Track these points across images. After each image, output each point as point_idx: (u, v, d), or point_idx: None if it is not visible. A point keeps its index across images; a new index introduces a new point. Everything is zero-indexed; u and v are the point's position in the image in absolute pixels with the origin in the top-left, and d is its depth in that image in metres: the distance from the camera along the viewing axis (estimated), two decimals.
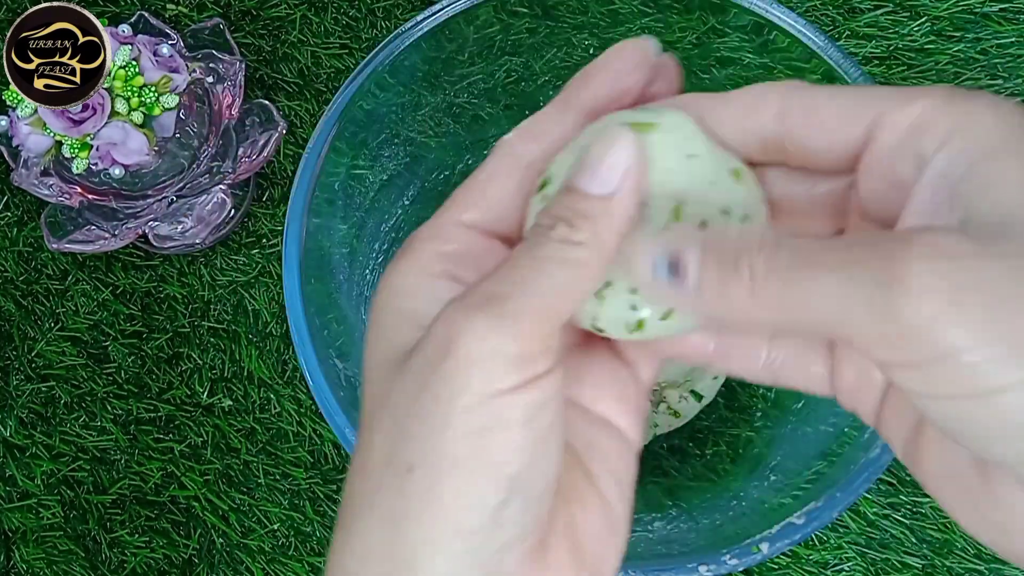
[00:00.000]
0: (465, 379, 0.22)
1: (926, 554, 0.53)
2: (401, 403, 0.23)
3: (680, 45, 0.50)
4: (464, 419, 0.22)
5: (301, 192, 0.44)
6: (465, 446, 0.22)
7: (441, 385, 0.22)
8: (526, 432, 0.22)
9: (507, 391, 0.22)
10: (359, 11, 0.62)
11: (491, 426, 0.22)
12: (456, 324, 0.22)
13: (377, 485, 0.23)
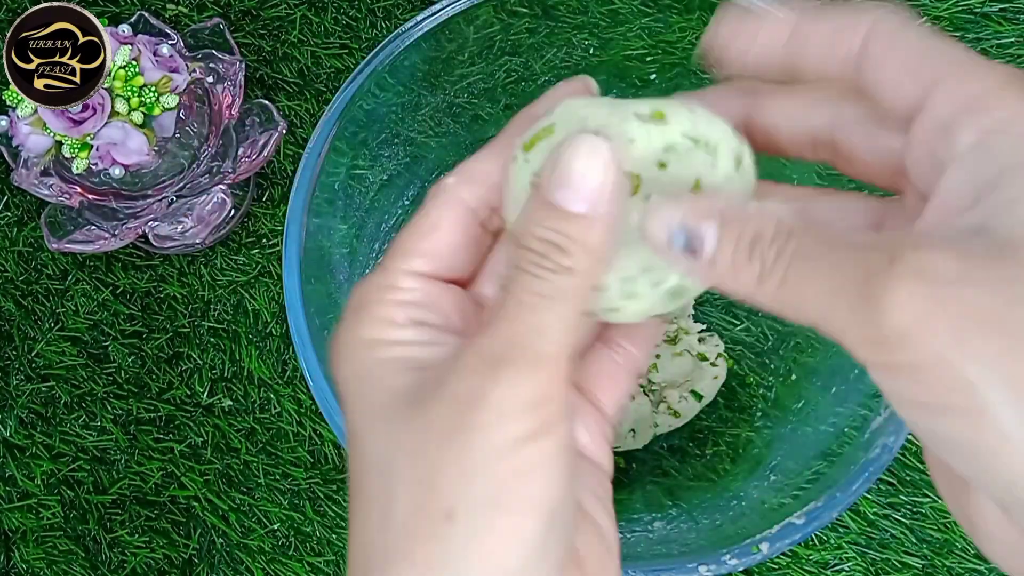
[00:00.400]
0: (499, 426, 0.22)
1: (926, 554, 0.53)
2: (424, 453, 0.23)
3: (680, 45, 0.50)
4: (502, 462, 0.22)
5: (301, 192, 0.44)
6: (506, 489, 0.22)
7: (476, 433, 0.22)
8: (559, 465, 0.23)
9: (536, 430, 0.23)
10: (359, 11, 0.62)
11: (529, 466, 0.23)
12: (483, 376, 0.23)
13: (408, 534, 0.23)
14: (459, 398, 0.23)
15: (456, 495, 0.22)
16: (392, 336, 0.25)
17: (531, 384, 0.23)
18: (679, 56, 0.50)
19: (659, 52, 0.51)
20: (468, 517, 0.22)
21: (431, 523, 0.23)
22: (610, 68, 0.52)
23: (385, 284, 0.26)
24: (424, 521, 0.23)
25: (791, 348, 0.51)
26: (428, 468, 0.23)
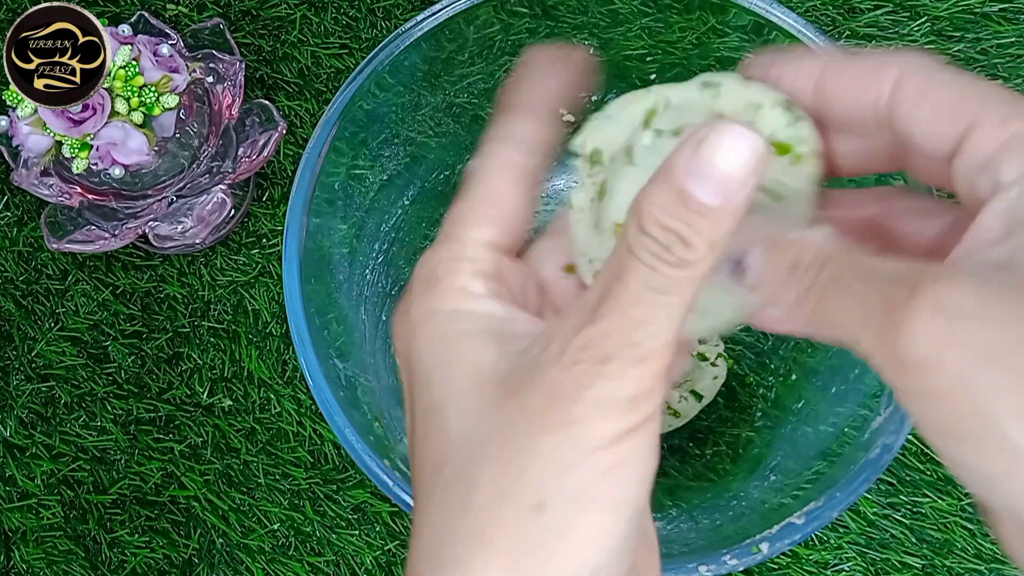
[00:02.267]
0: (600, 422, 0.22)
1: (926, 554, 0.53)
2: (516, 440, 0.23)
3: (680, 45, 0.50)
4: (597, 459, 0.22)
5: (301, 192, 0.44)
6: (599, 485, 0.22)
7: (572, 427, 0.22)
8: (648, 464, 0.23)
9: (631, 431, 0.23)
10: (359, 11, 0.62)
11: (622, 464, 0.23)
12: (586, 369, 0.22)
13: (492, 520, 0.23)
14: (559, 388, 0.23)
15: (547, 487, 0.22)
16: (472, 307, 0.25)
17: (634, 380, 0.22)
18: (679, 56, 0.50)
19: (659, 52, 0.51)
20: (558, 511, 0.22)
21: (518, 513, 0.23)
22: (610, 68, 0.52)
23: (457, 255, 0.26)
24: (511, 510, 0.23)
25: (791, 348, 0.51)
26: (520, 456, 0.23)
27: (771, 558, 0.46)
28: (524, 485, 0.22)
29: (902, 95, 0.23)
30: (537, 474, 0.22)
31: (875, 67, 0.23)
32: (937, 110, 0.22)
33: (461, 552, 0.23)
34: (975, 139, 0.22)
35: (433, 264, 0.26)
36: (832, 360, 0.47)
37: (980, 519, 0.54)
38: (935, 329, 0.20)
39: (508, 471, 0.23)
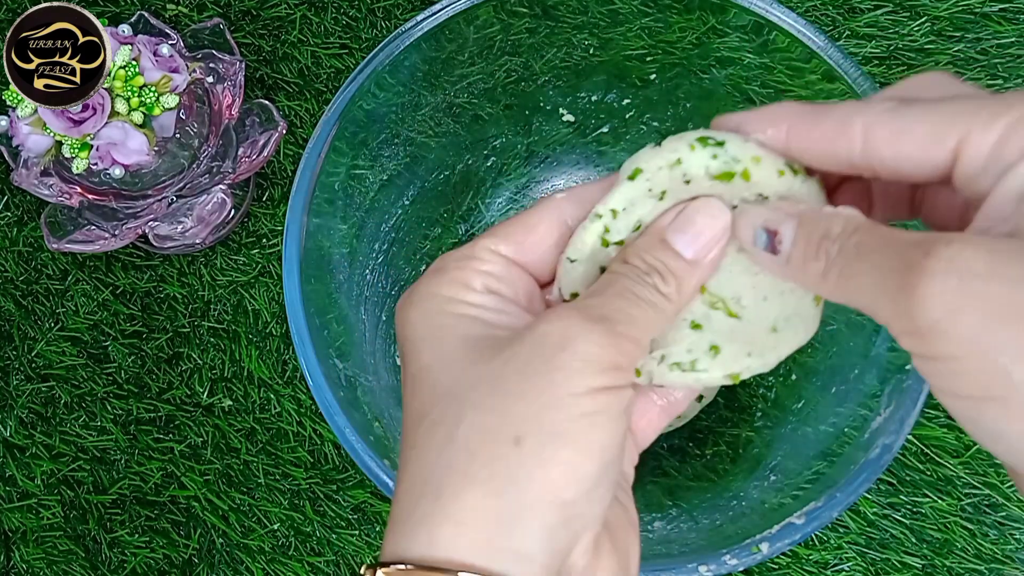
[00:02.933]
0: (581, 371, 0.25)
1: (926, 554, 0.53)
2: (502, 385, 0.25)
3: (680, 45, 0.50)
4: (574, 403, 0.24)
5: (301, 192, 0.44)
6: (576, 427, 0.24)
7: (557, 373, 0.25)
8: (620, 426, 0.25)
9: (608, 388, 0.25)
10: (359, 11, 0.62)
11: (597, 412, 0.25)
12: (574, 328, 0.25)
13: (472, 454, 0.25)
14: (548, 339, 0.25)
15: (528, 423, 0.24)
16: (467, 297, 0.27)
17: (614, 350, 0.25)
18: (679, 56, 0.50)
19: (659, 52, 0.51)
20: (536, 444, 0.24)
21: (497, 445, 0.24)
22: (610, 68, 0.52)
23: (468, 255, 0.28)
24: (491, 443, 0.24)
25: None
26: (504, 396, 0.25)
27: (771, 558, 0.46)
28: (505, 421, 0.24)
29: (878, 141, 0.25)
30: (519, 412, 0.24)
31: (839, 124, 0.26)
32: (919, 141, 0.24)
33: (440, 483, 0.24)
34: (968, 149, 0.23)
35: (445, 260, 0.29)
36: (832, 360, 0.47)
37: (980, 518, 0.54)
38: (948, 290, 0.20)
39: (492, 410, 0.25)
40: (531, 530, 0.24)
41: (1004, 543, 0.54)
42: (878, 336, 0.44)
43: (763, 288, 0.28)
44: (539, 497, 0.24)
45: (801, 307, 0.28)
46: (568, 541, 0.25)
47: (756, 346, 0.28)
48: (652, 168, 0.28)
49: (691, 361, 0.28)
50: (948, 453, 0.54)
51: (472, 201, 0.58)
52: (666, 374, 0.29)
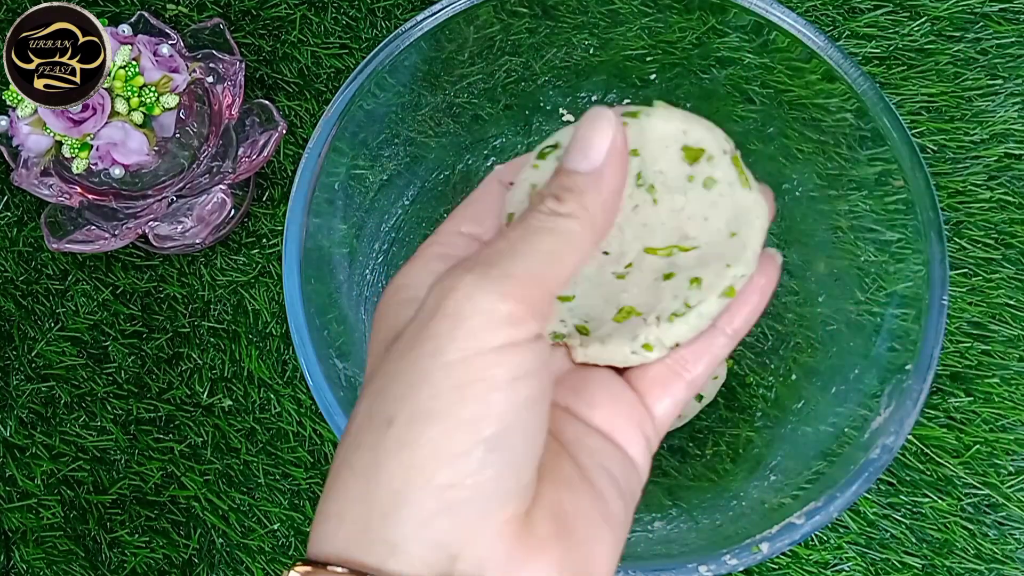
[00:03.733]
0: (450, 335, 0.23)
1: (926, 554, 0.53)
2: (389, 367, 0.24)
3: (680, 45, 0.50)
4: (445, 374, 0.23)
5: (301, 192, 0.44)
6: (444, 401, 0.22)
7: (428, 342, 0.23)
8: (508, 395, 0.23)
9: (492, 350, 0.23)
10: (359, 11, 0.62)
11: (472, 382, 0.23)
12: (446, 285, 0.23)
13: (356, 444, 0.23)
14: (426, 308, 0.24)
15: (397, 403, 0.23)
16: (422, 280, 0.27)
17: (489, 294, 0.23)
18: (679, 56, 0.50)
19: (659, 52, 0.51)
20: (401, 424, 0.23)
21: (373, 432, 0.23)
22: (610, 68, 0.52)
23: (432, 239, 0.29)
24: (368, 430, 0.23)
25: (791, 348, 0.51)
26: (384, 379, 0.24)
27: (771, 558, 0.46)
28: (381, 403, 0.23)
29: None
30: (392, 392, 0.23)
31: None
32: None
33: (333, 477, 0.24)
34: None
35: (418, 249, 0.29)
36: (832, 360, 0.47)
37: (980, 518, 0.54)
38: None
39: (374, 395, 0.24)
40: (403, 519, 0.22)
41: (1004, 543, 0.54)
42: (878, 336, 0.44)
43: (696, 213, 0.30)
44: (412, 479, 0.22)
45: (737, 201, 0.29)
46: (456, 530, 0.22)
47: (729, 256, 0.29)
48: (567, 136, 0.30)
49: (683, 303, 0.28)
50: (948, 453, 0.54)
51: None
52: (670, 329, 0.28)
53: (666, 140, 0.30)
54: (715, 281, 0.28)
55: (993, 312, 0.56)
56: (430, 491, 0.22)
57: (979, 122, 0.58)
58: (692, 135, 0.30)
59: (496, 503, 0.23)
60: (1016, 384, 0.55)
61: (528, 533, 0.23)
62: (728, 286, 0.28)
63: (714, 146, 0.30)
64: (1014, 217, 0.57)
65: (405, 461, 0.22)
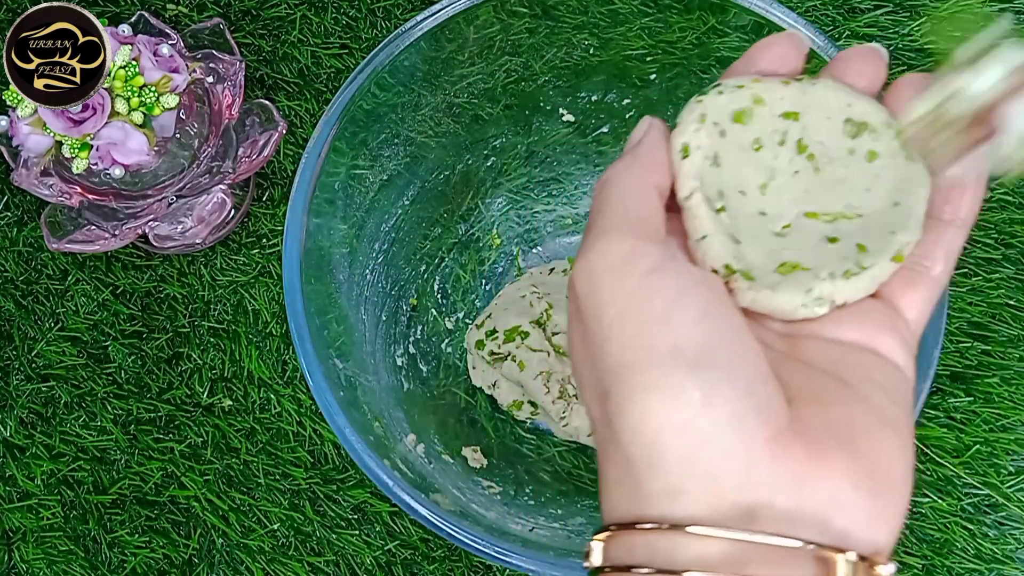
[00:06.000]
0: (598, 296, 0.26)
1: (926, 554, 0.53)
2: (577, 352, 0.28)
3: (680, 45, 0.50)
4: (619, 329, 0.25)
5: (301, 192, 0.44)
6: (634, 348, 0.25)
7: (588, 313, 0.26)
8: (681, 314, 0.25)
9: (636, 286, 0.25)
10: (359, 11, 0.62)
11: (644, 320, 0.25)
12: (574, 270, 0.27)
13: (600, 420, 0.26)
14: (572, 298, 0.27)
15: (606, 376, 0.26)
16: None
17: (604, 245, 0.26)
18: (679, 56, 0.50)
19: (659, 52, 0.51)
20: (616, 391, 0.25)
21: (599, 405, 0.26)
22: (610, 68, 0.52)
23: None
24: (596, 403, 0.26)
25: None
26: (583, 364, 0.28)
27: None
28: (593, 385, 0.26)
29: None
30: (597, 371, 0.26)
31: None
32: None
33: (600, 453, 0.26)
34: None
35: None
36: None
37: (980, 518, 0.54)
38: None
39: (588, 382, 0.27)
40: (667, 464, 0.23)
41: (1004, 543, 0.54)
42: None
43: (858, 184, 0.30)
44: (652, 432, 0.24)
45: (900, 172, 0.29)
46: (721, 459, 0.23)
47: (894, 224, 0.29)
48: (690, 132, 0.30)
49: (856, 263, 0.28)
50: (948, 453, 0.54)
51: (472, 201, 0.58)
52: (845, 286, 0.28)
53: (829, 111, 0.31)
54: (883, 247, 0.28)
55: (993, 312, 0.56)
56: (674, 433, 0.23)
57: None
58: (857, 108, 0.30)
59: (747, 425, 0.23)
60: (1016, 384, 0.55)
61: (804, 449, 0.23)
62: (897, 251, 0.28)
63: (878, 120, 0.30)
64: (1014, 217, 0.57)
65: (636, 417, 0.23)
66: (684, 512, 0.23)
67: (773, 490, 0.23)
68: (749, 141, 0.31)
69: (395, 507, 0.55)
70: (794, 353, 0.27)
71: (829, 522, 0.23)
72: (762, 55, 0.31)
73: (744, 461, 0.23)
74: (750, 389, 0.24)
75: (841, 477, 0.23)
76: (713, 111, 0.30)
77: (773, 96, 0.31)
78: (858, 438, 0.24)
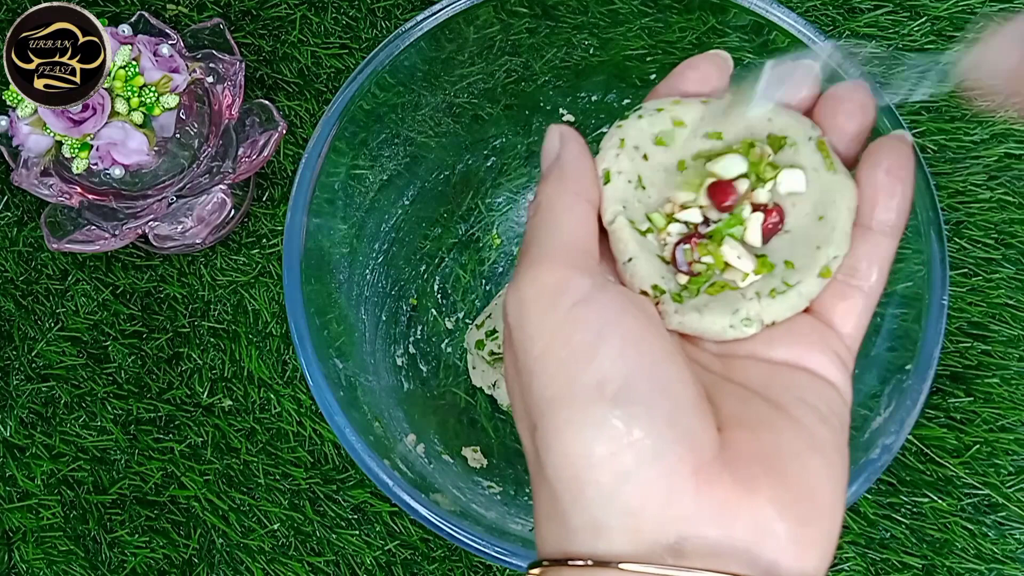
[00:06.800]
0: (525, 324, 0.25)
1: (926, 554, 0.53)
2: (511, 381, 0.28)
3: (680, 45, 0.50)
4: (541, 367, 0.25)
5: (301, 192, 0.44)
6: (558, 383, 0.24)
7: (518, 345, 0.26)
8: (606, 347, 0.24)
9: (563, 317, 0.25)
10: (359, 11, 0.62)
11: (568, 357, 0.25)
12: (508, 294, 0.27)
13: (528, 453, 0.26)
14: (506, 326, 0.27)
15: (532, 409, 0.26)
16: None
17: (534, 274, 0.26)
18: (679, 56, 0.50)
19: (659, 52, 0.51)
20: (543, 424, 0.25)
21: (529, 437, 0.26)
22: (610, 68, 0.52)
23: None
24: (527, 436, 0.27)
25: None
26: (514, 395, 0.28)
27: None
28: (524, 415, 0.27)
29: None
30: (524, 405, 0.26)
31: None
32: None
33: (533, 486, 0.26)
34: None
35: None
36: None
37: (980, 518, 0.54)
38: None
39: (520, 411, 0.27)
40: (589, 499, 0.23)
41: (1004, 543, 0.54)
42: (878, 336, 0.44)
43: (783, 200, 0.30)
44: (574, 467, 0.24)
45: (823, 185, 0.29)
46: (644, 493, 0.23)
47: (819, 239, 0.29)
48: (611, 158, 0.30)
49: (782, 281, 0.28)
50: (948, 453, 0.54)
51: (472, 201, 0.58)
52: (771, 305, 0.28)
53: (751, 128, 0.31)
54: (809, 263, 0.29)
55: (993, 312, 0.56)
56: (596, 468, 0.23)
57: (979, 122, 0.58)
58: (777, 122, 0.30)
59: (668, 458, 0.23)
60: (1016, 384, 0.55)
61: (731, 479, 0.23)
62: (823, 266, 0.28)
63: (799, 133, 0.30)
64: (1014, 217, 0.57)
65: (560, 452, 0.23)
66: (608, 548, 0.23)
67: (699, 523, 0.23)
68: (673, 163, 0.31)
69: (395, 507, 0.55)
70: (729, 374, 0.27)
71: (757, 553, 0.23)
72: (684, 77, 0.31)
73: (666, 494, 0.23)
74: (673, 421, 0.23)
75: (767, 506, 0.23)
76: (633, 135, 0.30)
77: (694, 117, 0.31)
78: (786, 463, 0.24)
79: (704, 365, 0.28)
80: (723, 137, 0.31)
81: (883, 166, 0.29)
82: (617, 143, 0.30)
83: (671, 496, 0.23)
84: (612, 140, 0.30)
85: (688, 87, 0.31)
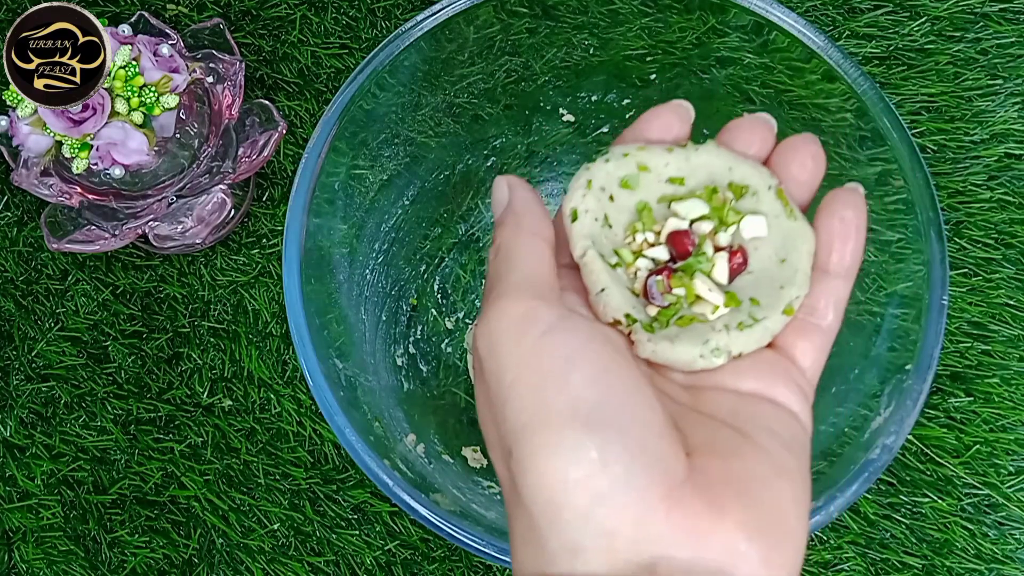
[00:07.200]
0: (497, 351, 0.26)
1: (926, 554, 0.53)
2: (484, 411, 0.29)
3: (680, 45, 0.50)
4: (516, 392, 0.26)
5: (301, 192, 0.44)
6: (530, 408, 0.25)
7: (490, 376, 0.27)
8: (577, 373, 0.25)
9: (531, 348, 0.26)
10: (359, 11, 0.62)
11: (538, 384, 0.26)
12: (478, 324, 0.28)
13: (502, 477, 0.27)
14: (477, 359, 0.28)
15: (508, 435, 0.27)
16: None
17: (502, 306, 0.27)
18: (679, 56, 0.50)
19: (659, 52, 0.51)
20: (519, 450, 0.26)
21: (503, 463, 0.27)
22: (610, 68, 0.52)
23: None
24: (502, 462, 0.27)
25: None
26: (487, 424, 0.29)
27: None
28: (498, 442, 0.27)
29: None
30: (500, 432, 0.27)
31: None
32: None
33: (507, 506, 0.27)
34: None
35: None
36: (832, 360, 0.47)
37: (980, 518, 0.54)
38: None
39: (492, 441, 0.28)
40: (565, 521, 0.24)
41: (1004, 543, 0.54)
42: (878, 336, 0.44)
43: (745, 243, 0.32)
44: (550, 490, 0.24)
45: (784, 231, 0.31)
46: (616, 515, 0.23)
47: (782, 279, 0.31)
48: (578, 197, 0.32)
49: (750, 315, 0.30)
50: (948, 453, 0.54)
51: (472, 201, 0.58)
52: (739, 337, 0.29)
53: (713, 175, 0.32)
54: (773, 301, 0.30)
55: (993, 312, 0.56)
56: (571, 491, 0.24)
57: (979, 122, 0.58)
58: (738, 172, 0.32)
59: (640, 481, 0.24)
60: (1016, 384, 0.55)
61: (701, 502, 0.24)
62: (787, 304, 0.30)
63: (759, 182, 0.32)
64: (1014, 217, 0.57)
65: (536, 476, 0.24)
66: (585, 569, 0.24)
67: (670, 544, 0.23)
68: (638, 205, 0.32)
69: (395, 507, 0.55)
70: (697, 405, 0.28)
71: (728, 574, 0.23)
72: (649, 124, 0.33)
73: (639, 517, 0.24)
74: (644, 446, 0.24)
75: (737, 529, 0.24)
76: (600, 177, 0.32)
77: (658, 163, 0.32)
78: (754, 488, 0.25)
79: (672, 396, 0.29)
80: (685, 183, 0.32)
81: (838, 215, 0.31)
82: (584, 184, 0.32)
83: (644, 518, 0.24)
84: (580, 181, 0.32)
85: (652, 134, 0.33)
